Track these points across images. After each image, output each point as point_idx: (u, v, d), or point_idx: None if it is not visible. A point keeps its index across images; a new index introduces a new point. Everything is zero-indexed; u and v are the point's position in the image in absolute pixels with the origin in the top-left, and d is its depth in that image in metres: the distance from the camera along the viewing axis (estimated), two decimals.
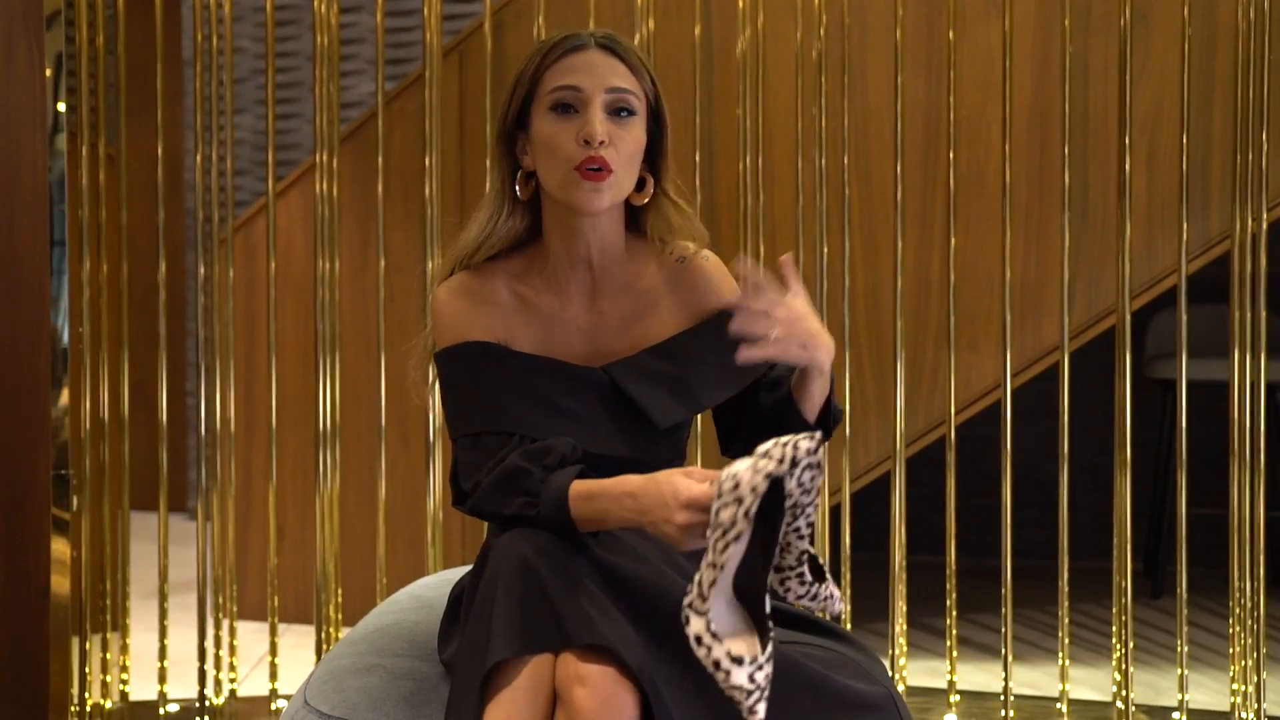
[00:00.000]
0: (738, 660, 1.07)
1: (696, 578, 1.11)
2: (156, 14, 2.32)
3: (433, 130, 2.30)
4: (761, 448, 1.11)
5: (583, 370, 1.37)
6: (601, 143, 1.30)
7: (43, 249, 2.21)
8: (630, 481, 1.23)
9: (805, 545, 1.14)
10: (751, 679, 1.07)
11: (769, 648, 1.10)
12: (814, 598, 1.17)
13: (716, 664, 1.07)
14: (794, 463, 1.09)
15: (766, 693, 1.08)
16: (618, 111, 1.33)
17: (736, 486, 1.09)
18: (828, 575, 1.19)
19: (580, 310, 1.39)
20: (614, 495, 1.23)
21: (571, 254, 1.38)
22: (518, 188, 1.38)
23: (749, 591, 1.12)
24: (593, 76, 1.33)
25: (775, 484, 1.09)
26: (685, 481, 1.18)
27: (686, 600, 1.11)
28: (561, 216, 1.37)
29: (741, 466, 1.10)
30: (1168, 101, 2.41)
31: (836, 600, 1.20)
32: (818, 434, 1.11)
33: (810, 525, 1.14)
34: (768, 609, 1.13)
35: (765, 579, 1.11)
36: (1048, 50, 2.46)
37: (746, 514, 1.08)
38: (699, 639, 1.08)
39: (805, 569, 1.16)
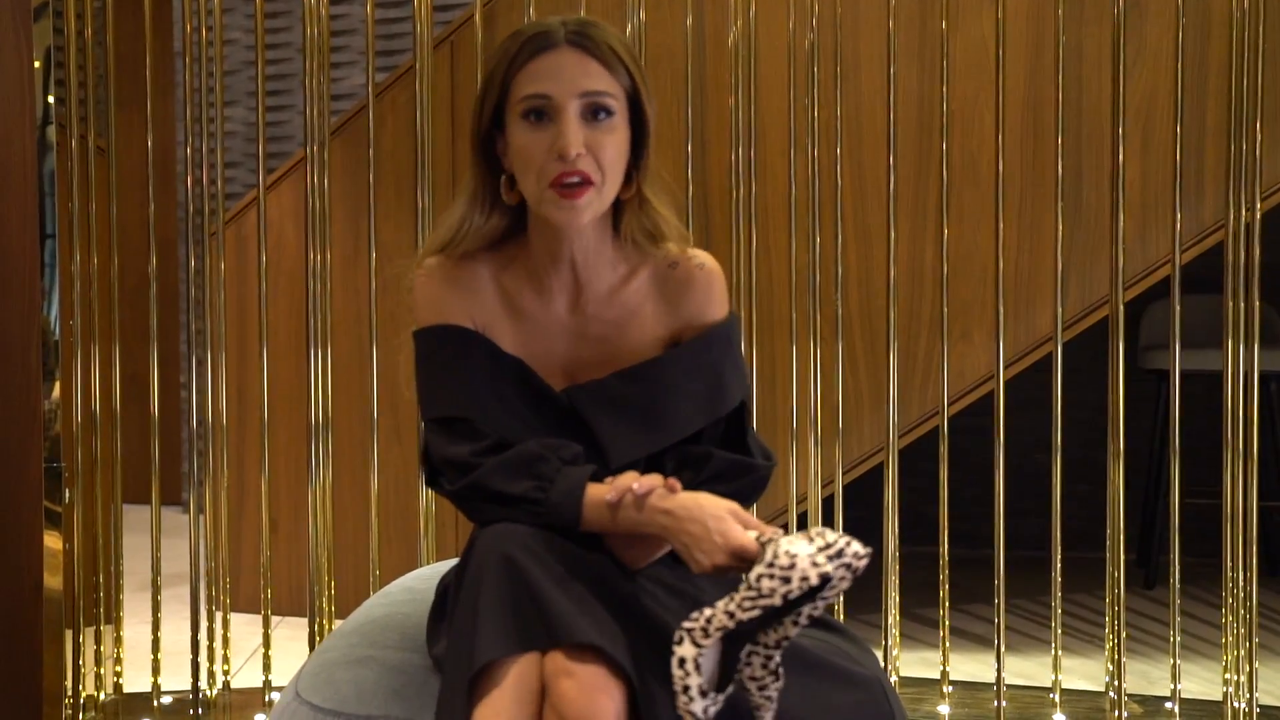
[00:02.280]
0: (704, 694, 1.13)
1: (708, 613, 1.13)
2: (146, 6, 2.31)
3: (424, 122, 2.29)
4: (817, 531, 1.14)
5: (549, 390, 1.34)
6: (578, 155, 1.25)
7: (33, 242, 2.20)
8: (663, 497, 1.21)
9: (794, 634, 1.15)
10: (705, 712, 1.13)
11: (727, 690, 1.16)
12: (762, 688, 1.16)
13: (686, 688, 1.13)
14: (844, 562, 1.12)
15: None
16: (595, 113, 1.26)
17: (791, 567, 1.11)
18: (780, 683, 1.18)
19: (562, 310, 1.36)
20: (644, 507, 1.21)
21: (555, 256, 1.35)
22: (503, 193, 1.33)
23: (736, 640, 1.16)
24: (562, 81, 1.26)
25: (821, 580, 1.12)
26: (736, 527, 1.18)
27: (688, 625, 1.13)
28: (544, 221, 1.33)
29: (802, 549, 1.12)
30: (1161, 91, 2.41)
31: (769, 712, 1.17)
32: (869, 549, 1.13)
33: (810, 620, 1.15)
34: (745, 657, 1.16)
35: (755, 636, 1.16)
36: (1041, 40, 2.45)
37: (786, 597, 1.11)
38: (683, 661, 1.13)
39: (777, 656, 1.16)
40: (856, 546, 1.12)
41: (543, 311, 1.36)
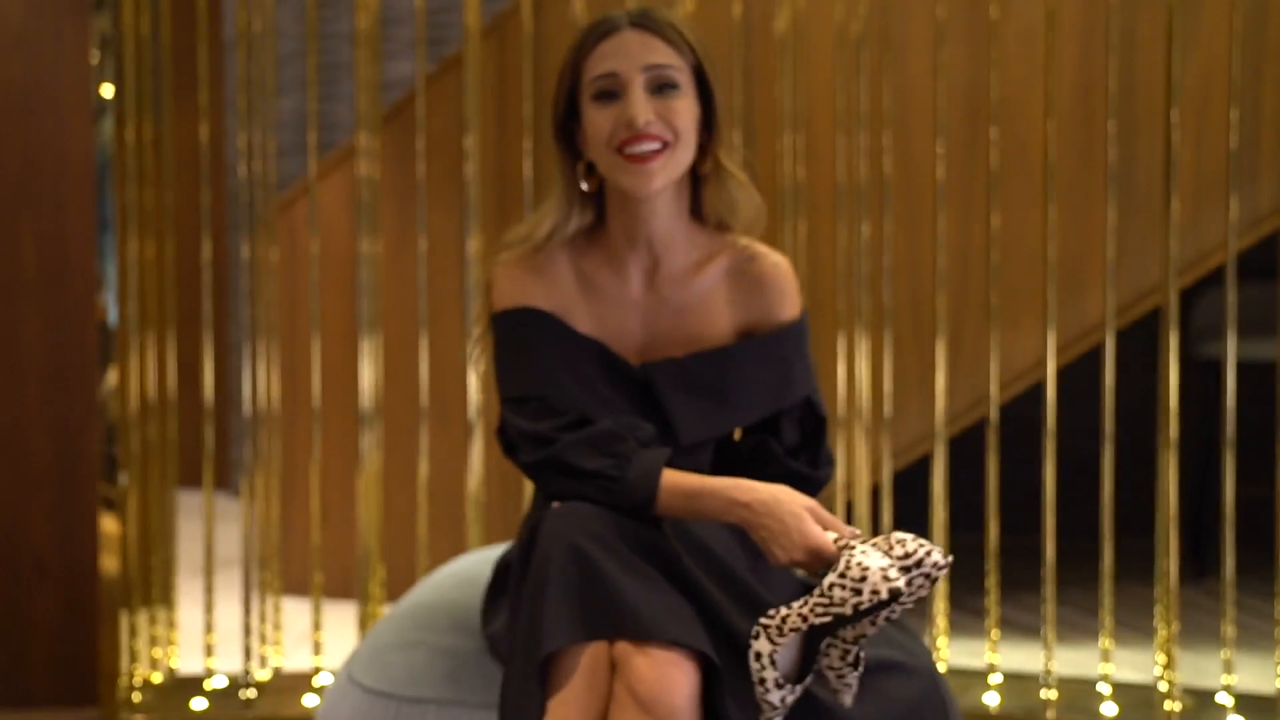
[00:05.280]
0: (780, 685, 1.16)
1: (784, 612, 1.16)
2: None
3: (472, 112, 2.30)
4: (897, 539, 1.16)
5: (625, 365, 1.38)
6: (647, 122, 1.30)
7: (90, 230, 2.24)
8: (743, 490, 1.24)
9: (872, 632, 1.17)
10: (783, 701, 1.17)
11: (805, 680, 1.19)
12: (840, 676, 1.19)
13: (762, 680, 1.16)
14: (922, 572, 1.14)
15: (784, 714, 1.18)
16: (660, 88, 1.32)
17: (862, 580, 1.13)
18: (859, 670, 1.20)
19: (638, 289, 1.40)
20: (723, 499, 1.24)
21: (632, 236, 1.39)
22: (583, 182, 1.38)
23: (814, 636, 1.19)
24: (627, 58, 1.32)
25: (891, 595, 1.14)
26: (814, 528, 1.20)
27: (765, 621, 1.16)
28: (621, 200, 1.38)
29: (875, 562, 1.14)
30: (1216, 74, 2.37)
31: (849, 695, 1.21)
32: (950, 557, 1.15)
33: (888, 621, 1.17)
34: (824, 648, 1.19)
35: (833, 633, 1.19)
36: (1092, 23, 2.42)
37: (856, 608, 1.13)
38: (759, 656, 1.16)
39: (857, 650, 1.18)
40: (936, 556, 1.14)
41: (619, 290, 1.39)
